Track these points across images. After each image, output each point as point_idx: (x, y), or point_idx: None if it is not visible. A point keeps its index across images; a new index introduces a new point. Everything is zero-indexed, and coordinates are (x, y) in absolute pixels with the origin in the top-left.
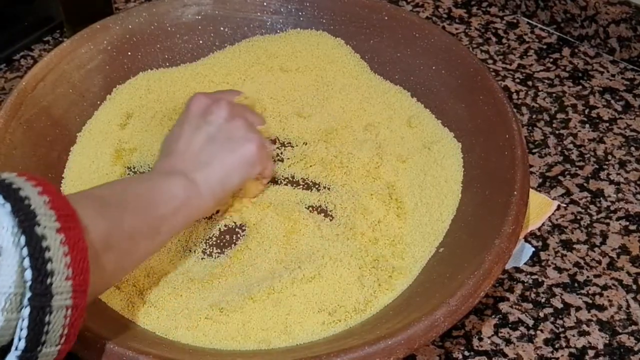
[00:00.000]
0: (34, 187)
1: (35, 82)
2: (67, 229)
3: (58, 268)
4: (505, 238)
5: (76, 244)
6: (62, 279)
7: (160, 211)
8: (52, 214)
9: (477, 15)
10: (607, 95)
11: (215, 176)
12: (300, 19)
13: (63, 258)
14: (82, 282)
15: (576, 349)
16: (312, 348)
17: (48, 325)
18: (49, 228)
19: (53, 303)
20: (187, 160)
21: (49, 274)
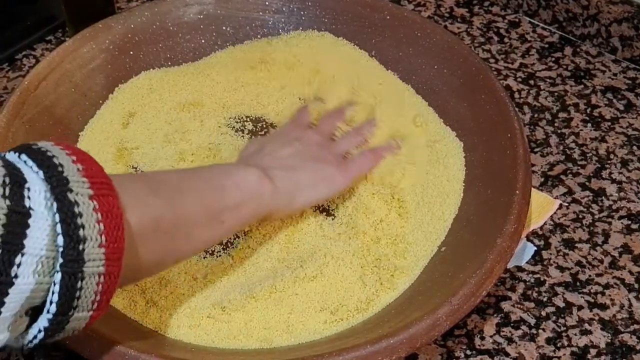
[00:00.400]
0: (68, 155)
1: (37, 82)
2: (101, 196)
3: (90, 234)
4: (507, 237)
5: (110, 212)
6: (94, 246)
7: (225, 200)
8: (85, 181)
9: (478, 14)
10: (609, 94)
11: (296, 179)
12: (302, 18)
13: (96, 225)
14: (115, 250)
15: (578, 348)
16: (314, 347)
17: (80, 291)
18: (81, 194)
19: (85, 269)
20: (271, 159)
21: (81, 240)
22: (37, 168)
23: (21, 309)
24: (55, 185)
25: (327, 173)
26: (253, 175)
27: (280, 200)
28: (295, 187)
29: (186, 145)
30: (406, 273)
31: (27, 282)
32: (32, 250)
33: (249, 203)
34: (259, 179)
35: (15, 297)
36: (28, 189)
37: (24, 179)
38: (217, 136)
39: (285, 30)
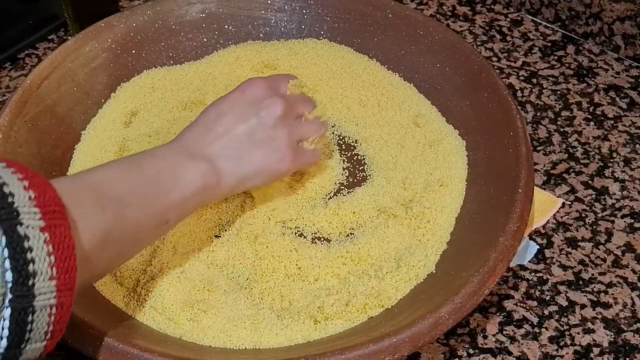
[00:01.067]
0: (20, 180)
1: (39, 81)
2: (53, 226)
3: (41, 268)
4: (510, 236)
5: (62, 242)
6: (45, 279)
7: (170, 200)
8: (36, 212)
9: (481, 12)
10: (612, 92)
11: (240, 173)
12: (304, 16)
13: (47, 258)
14: (67, 281)
15: (581, 346)
16: (317, 346)
17: (31, 324)
18: (32, 227)
19: (35, 303)
20: (221, 146)
21: (31, 275)
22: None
23: None
24: (4, 218)
25: (275, 160)
26: (198, 174)
27: (226, 191)
28: (241, 179)
29: None
30: (409, 271)
31: None
32: None
33: (194, 198)
34: (203, 175)
35: None
36: None
37: None
38: None
39: (287, 29)
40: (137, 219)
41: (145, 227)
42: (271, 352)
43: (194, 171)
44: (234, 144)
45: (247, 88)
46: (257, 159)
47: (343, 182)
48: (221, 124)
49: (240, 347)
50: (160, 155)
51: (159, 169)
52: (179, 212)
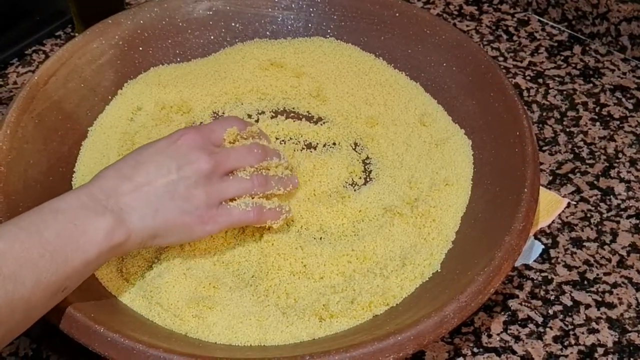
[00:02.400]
0: None
1: (47, 77)
2: None
3: None
4: (515, 235)
5: None
6: None
7: (70, 265)
8: None
9: (488, 12)
10: (618, 93)
11: (153, 229)
12: (311, 15)
13: None
14: None
15: (585, 346)
16: (322, 343)
17: None
18: None
19: None
20: (136, 197)
21: None
22: None
23: None
24: None
25: (191, 220)
26: (103, 232)
27: (132, 247)
28: (150, 235)
29: None
30: (415, 270)
31: None
32: None
33: (96, 261)
34: (110, 233)
35: None
36: None
37: None
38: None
39: (294, 27)
40: (31, 295)
41: (40, 300)
42: (276, 349)
43: (99, 229)
44: (150, 197)
45: (177, 138)
46: (171, 215)
47: (349, 180)
48: (140, 173)
49: (245, 343)
50: (65, 209)
51: (60, 232)
52: (80, 277)
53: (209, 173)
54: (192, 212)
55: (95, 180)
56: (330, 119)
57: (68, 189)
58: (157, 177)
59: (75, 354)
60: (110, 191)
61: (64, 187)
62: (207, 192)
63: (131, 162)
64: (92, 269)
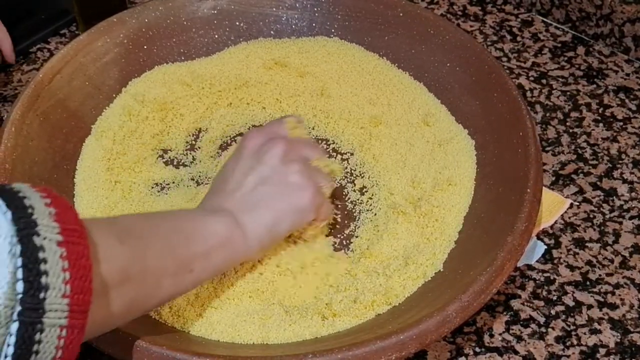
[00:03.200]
0: (42, 198)
1: (51, 75)
2: (71, 243)
3: (54, 283)
4: (518, 235)
5: (78, 261)
6: (57, 296)
7: (193, 249)
8: (55, 226)
9: (492, 12)
10: (622, 94)
11: (264, 221)
12: (315, 14)
13: (61, 273)
14: (81, 302)
15: (587, 347)
16: (324, 342)
17: (38, 345)
18: (49, 239)
19: (45, 320)
20: (236, 200)
21: (43, 287)
22: (6, 208)
23: None
24: (21, 227)
25: (295, 196)
26: (219, 225)
27: (254, 243)
28: (266, 228)
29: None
30: (417, 269)
31: None
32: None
33: (220, 251)
34: (226, 228)
35: None
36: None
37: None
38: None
39: (298, 26)
40: (159, 260)
41: (167, 270)
42: (279, 348)
43: (216, 222)
44: (247, 196)
45: (246, 141)
46: (275, 201)
47: (351, 180)
48: (229, 182)
49: (248, 342)
50: (185, 212)
51: (181, 220)
52: (204, 263)
53: (286, 153)
54: (292, 187)
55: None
56: (333, 118)
57: (72, 186)
58: (245, 178)
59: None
60: (218, 205)
61: (69, 184)
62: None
63: (220, 179)
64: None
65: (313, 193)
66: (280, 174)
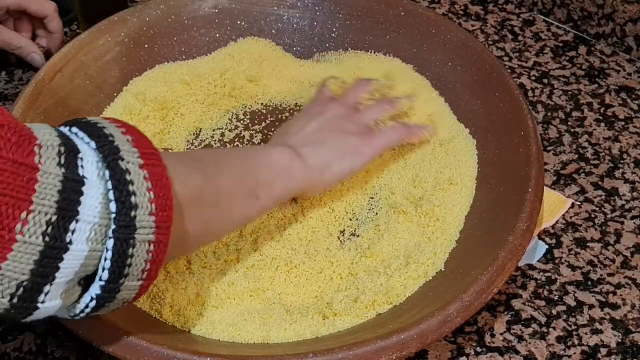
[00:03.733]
0: (117, 128)
1: (53, 74)
2: (151, 165)
3: (142, 202)
4: (520, 235)
5: (159, 181)
6: (145, 214)
7: (259, 176)
8: (135, 151)
9: (493, 12)
10: (623, 94)
11: (324, 155)
12: (316, 13)
13: (147, 193)
14: (165, 219)
15: (589, 347)
16: (325, 341)
17: (131, 259)
18: (132, 163)
19: (137, 236)
20: (297, 138)
21: (133, 207)
22: (89, 139)
23: (75, 277)
24: (107, 154)
25: (352, 145)
26: (282, 155)
27: (311, 176)
28: (323, 162)
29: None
30: (419, 269)
31: (81, 249)
32: (87, 218)
33: (281, 180)
34: (289, 157)
35: (69, 263)
36: (81, 159)
37: (77, 149)
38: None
39: (299, 26)
40: (229, 185)
41: (237, 195)
42: (280, 347)
43: (279, 152)
44: (308, 136)
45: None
46: (335, 143)
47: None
48: (292, 127)
49: (249, 341)
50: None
51: (247, 152)
52: (269, 191)
53: (343, 111)
54: (349, 136)
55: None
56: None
57: None
58: (307, 124)
59: (79, 350)
60: (277, 143)
61: None
62: (352, 121)
63: (284, 128)
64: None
65: (372, 153)
66: (338, 124)
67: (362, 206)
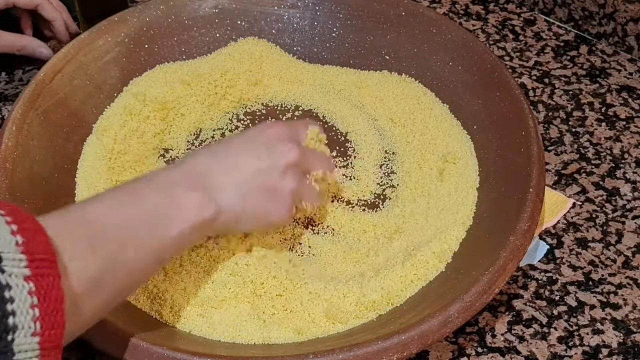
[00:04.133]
0: (8, 224)
1: (52, 74)
2: (39, 275)
3: (22, 322)
4: (520, 235)
5: (48, 294)
6: (26, 335)
7: (168, 235)
8: (22, 258)
9: (494, 11)
10: (624, 93)
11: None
12: (317, 13)
13: (30, 310)
14: (53, 338)
15: (590, 347)
16: (325, 342)
17: None
18: (15, 275)
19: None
20: (228, 178)
21: (10, 329)
22: None
23: None
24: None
25: (274, 209)
26: (196, 207)
27: (219, 225)
28: (234, 217)
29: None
30: (421, 270)
31: None
32: None
33: (190, 235)
34: (203, 208)
35: None
36: None
37: None
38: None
39: (300, 25)
40: (132, 260)
41: (139, 268)
42: (280, 348)
43: (193, 203)
44: (239, 180)
45: (267, 128)
46: (256, 201)
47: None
48: (231, 157)
49: (249, 342)
50: (158, 183)
51: (156, 202)
52: (176, 248)
53: (295, 165)
54: (275, 201)
55: (187, 160)
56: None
57: (73, 186)
58: (247, 163)
59: (79, 351)
60: (203, 170)
61: (70, 184)
62: (294, 184)
63: (223, 147)
64: (186, 243)
65: (287, 217)
66: (277, 186)
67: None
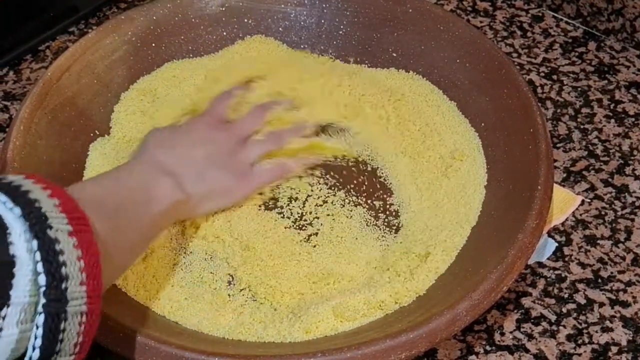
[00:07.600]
0: (42, 189)
1: (60, 73)
2: (79, 232)
3: (72, 272)
4: (529, 233)
5: (89, 248)
6: (76, 284)
7: (152, 212)
8: (63, 217)
9: (502, 8)
10: (633, 89)
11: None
12: (324, 11)
13: (77, 262)
14: (96, 287)
15: (599, 345)
16: (334, 340)
17: (63, 333)
18: (61, 231)
19: (68, 309)
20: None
21: (64, 278)
22: (13, 205)
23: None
24: (34, 222)
25: (228, 185)
26: (167, 186)
27: (189, 207)
28: (200, 197)
29: None
30: (429, 269)
31: (12, 333)
32: (17, 300)
33: (167, 214)
34: (173, 189)
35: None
36: (9, 234)
37: (4, 223)
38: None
39: (306, 23)
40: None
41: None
42: (288, 346)
43: (167, 184)
44: (193, 164)
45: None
46: (213, 179)
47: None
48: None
49: (257, 340)
50: (134, 170)
51: (140, 184)
52: (160, 226)
53: (230, 146)
54: (230, 177)
55: (143, 152)
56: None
57: None
58: (194, 148)
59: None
60: (162, 161)
61: None
62: (236, 157)
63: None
64: (166, 222)
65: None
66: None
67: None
